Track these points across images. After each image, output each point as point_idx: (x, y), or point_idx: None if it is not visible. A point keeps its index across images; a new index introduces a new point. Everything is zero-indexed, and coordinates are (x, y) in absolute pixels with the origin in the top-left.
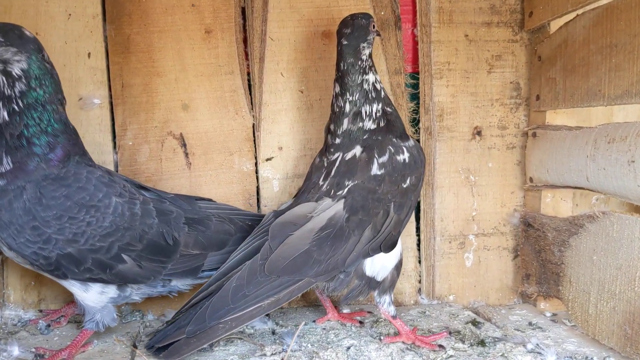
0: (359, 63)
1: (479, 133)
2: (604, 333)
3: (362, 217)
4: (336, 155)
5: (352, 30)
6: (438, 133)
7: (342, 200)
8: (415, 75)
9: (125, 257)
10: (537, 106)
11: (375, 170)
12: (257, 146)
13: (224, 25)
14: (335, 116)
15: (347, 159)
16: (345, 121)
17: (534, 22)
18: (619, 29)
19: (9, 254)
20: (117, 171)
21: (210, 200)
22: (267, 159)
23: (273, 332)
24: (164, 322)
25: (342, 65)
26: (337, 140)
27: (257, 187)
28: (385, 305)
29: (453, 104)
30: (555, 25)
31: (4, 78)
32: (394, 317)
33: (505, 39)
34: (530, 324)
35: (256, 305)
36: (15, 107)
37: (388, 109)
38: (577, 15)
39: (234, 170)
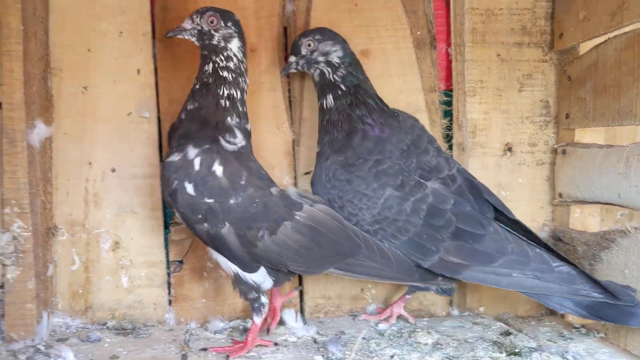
0: None
1: (509, 149)
2: (636, 344)
3: None
4: None
5: None
6: (471, 149)
7: None
8: (448, 92)
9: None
10: (567, 124)
11: None
12: (296, 160)
13: (267, 44)
14: None
15: None
16: None
17: (564, 44)
18: None
19: None
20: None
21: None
22: (306, 173)
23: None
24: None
25: None
26: None
27: None
28: None
29: (485, 121)
30: (584, 47)
31: None
32: None
33: (536, 58)
34: (561, 335)
35: None
36: None
37: None
38: (609, 38)
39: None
